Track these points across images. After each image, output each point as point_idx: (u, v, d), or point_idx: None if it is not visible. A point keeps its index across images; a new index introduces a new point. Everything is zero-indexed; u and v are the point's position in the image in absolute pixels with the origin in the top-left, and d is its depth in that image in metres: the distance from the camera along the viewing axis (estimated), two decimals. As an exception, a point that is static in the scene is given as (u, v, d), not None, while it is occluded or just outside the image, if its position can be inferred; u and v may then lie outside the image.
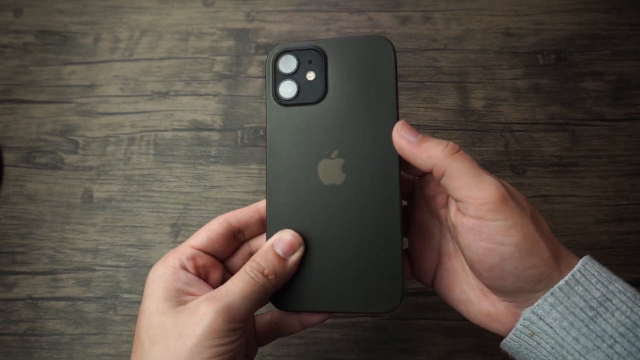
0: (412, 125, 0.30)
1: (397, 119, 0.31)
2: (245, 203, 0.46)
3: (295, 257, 0.31)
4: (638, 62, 0.48)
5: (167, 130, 0.48)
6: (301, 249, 0.32)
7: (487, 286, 0.30)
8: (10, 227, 0.46)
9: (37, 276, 0.45)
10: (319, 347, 0.44)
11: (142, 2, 0.50)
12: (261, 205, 0.34)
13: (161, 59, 0.49)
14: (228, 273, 0.34)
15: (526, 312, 0.29)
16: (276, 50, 0.33)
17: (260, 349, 0.44)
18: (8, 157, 0.47)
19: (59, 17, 0.50)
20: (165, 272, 0.31)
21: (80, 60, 0.49)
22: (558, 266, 0.28)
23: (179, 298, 0.30)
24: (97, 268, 0.46)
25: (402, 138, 0.29)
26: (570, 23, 0.49)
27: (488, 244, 0.28)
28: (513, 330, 0.29)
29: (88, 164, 0.47)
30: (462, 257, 0.32)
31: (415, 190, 0.34)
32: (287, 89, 0.32)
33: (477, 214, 0.28)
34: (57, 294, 0.45)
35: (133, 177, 0.47)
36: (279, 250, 0.31)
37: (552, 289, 0.28)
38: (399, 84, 0.48)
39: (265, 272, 0.30)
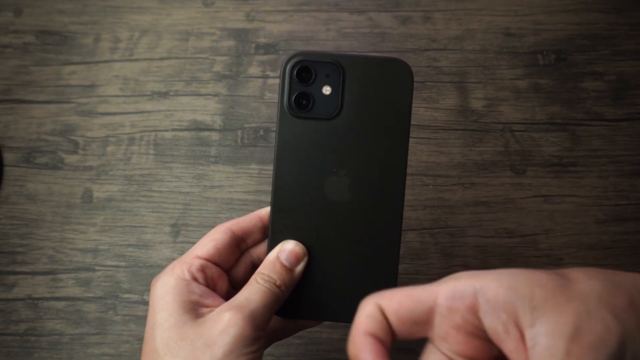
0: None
1: (408, 146, 0.32)
2: (246, 203, 0.46)
3: (300, 267, 0.31)
4: (638, 62, 0.48)
5: (167, 130, 0.48)
6: (305, 258, 0.32)
7: None
8: (10, 227, 0.46)
9: (37, 276, 0.45)
10: (319, 347, 0.44)
11: (142, 2, 0.50)
12: (264, 213, 0.34)
13: (161, 59, 0.49)
14: (230, 284, 0.33)
15: None
16: (294, 58, 0.32)
17: (260, 349, 0.44)
18: (8, 157, 0.47)
19: (59, 17, 0.50)
20: (178, 284, 0.30)
21: (80, 60, 0.49)
22: None
23: (196, 310, 0.29)
24: (97, 268, 0.46)
25: None
26: (570, 23, 0.49)
27: None
28: None
29: (88, 164, 0.47)
30: None
31: None
32: (302, 101, 0.32)
33: None
34: (57, 294, 0.45)
35: (133, 177, 0.47)
36: (285, 261, 0.31)
37: None
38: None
39: (278, 283, 0.30)
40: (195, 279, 0.31)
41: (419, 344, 0.26)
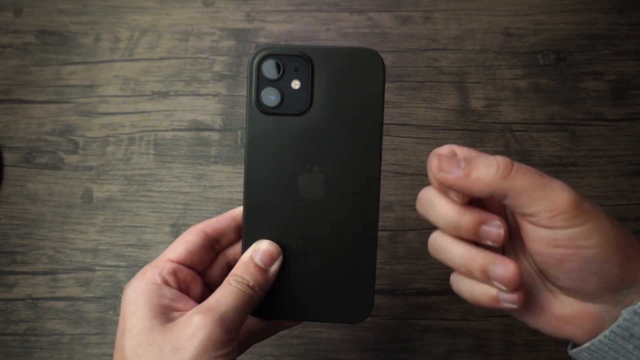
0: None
1: (382, 139, 0.31)
2: (245, 203, 0.46)
3: (275, 267, 0.31)
4: (638, 62, 0.48)
5: (167, 130, 0.48)
6: (280, 258, 0.31)
7: (562, 288, 0.27)
8: (10, 227, 0.46)
9: (37, 276, 0.45)
10: (319, 347, 0.44)
11: (142, 2, 0.50)
12: (237, 212, 0.33)
13: (161, 59, 0.49)
14: (206, 286, 0.33)
15: (627, 312, 0.25)
16: (261, 53, 0.30)
17: (259, 349, 0.44)
18: (8, 157, 0.47)
19: (59, 17, 0.50)
20: (148, 288, 0.29)
21: (80, 60, 0.49)
22: None
23: (167, 315, 0.29)
24: (97, 268, 0.46)
25: (448, 174, 0.26)
26: (570, 23, 0.49)
27: (567, 250, 0.26)
28: (606, 332, 0.26)
29: (88, 164, 0.47)
30: (527, 259, 0.29)
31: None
32: (270, 97, 0.31)
33: (552, 224, 0.25)
34: (57, 294, 0.45)
35: (133, 177, 0.47)
36: (259, 261, 0.31)
37: None
38: (400, 84, 0.48)
39: (251, 284, 0.30)
40: (166, 283, 0.30)
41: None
